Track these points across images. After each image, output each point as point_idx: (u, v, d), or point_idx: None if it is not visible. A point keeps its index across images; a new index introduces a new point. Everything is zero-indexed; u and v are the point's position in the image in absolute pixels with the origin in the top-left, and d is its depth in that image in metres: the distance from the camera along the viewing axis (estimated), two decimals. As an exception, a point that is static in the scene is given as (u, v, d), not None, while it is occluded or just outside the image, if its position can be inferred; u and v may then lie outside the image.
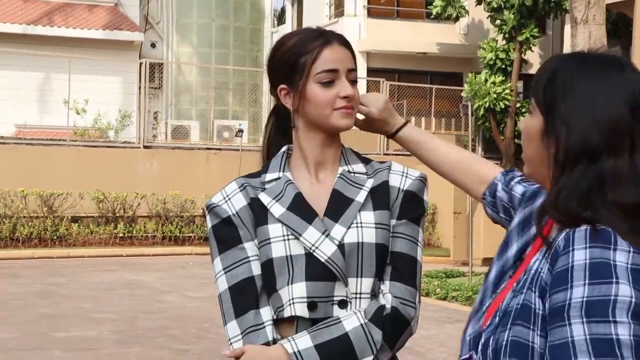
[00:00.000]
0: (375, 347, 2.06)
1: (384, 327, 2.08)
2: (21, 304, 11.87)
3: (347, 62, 2.20)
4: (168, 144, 23.26)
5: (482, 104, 24.30)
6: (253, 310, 2.12)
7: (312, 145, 2.22)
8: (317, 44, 2.17)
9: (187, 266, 17.29)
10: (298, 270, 2.10)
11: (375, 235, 2.13)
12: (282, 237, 2.12)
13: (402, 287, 2.13)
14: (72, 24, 25.68)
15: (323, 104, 2.17)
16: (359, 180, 2.19)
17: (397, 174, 2.23)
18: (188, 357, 8.73)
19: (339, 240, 2.10)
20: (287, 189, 2.17)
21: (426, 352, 9.19)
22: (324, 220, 2.13)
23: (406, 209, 2.19)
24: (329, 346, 2.04)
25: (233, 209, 2.17)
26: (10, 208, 19.06)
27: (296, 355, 2.03)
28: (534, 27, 24.60)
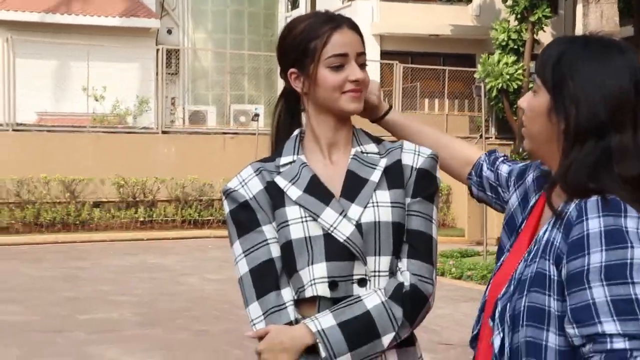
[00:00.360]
0: (396, 323, 2.07)
1: (404, 304, 2.08)
2: (45, 288, 11.95)
3: (357, 46, 2.19)
4: (186, 129, 23.28)
5: (495, 84, 24.20)
6: (274, 291, 2.13)
7: (324, 128, 2.22)
8: (327, 28, 2.17)
9: (206, 249, 17.35)
10: (317, 251, 2.10)
11: (392, 214, 2.13)
12: (300, 218, 2.12)
13: (420, 264, 2.13)
14: (90, 12, 25.67)
15: (332, 87, 2.16)
16: (373, 160, 2.19)
17: (409, 152, 2.22)
18: (208, 337, 8.77)
19: (356, 220, 2.10)
20: (302, 171, 2.16)
21: (441, 330, 9.20)
22: (340, 201, 2.13)
23: (420, 187, 2.18)
24: (351, 324, 2.04)
25: (250, 193, 2.17)
26: (33, 194, 19.16)
27: (320, 334, 2.03)
28: (545, 7, 24.43)
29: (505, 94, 24.67)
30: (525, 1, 24.18)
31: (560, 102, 1.89)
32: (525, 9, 24.36)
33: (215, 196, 20.87)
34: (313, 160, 2.21)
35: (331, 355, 2.03)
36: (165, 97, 23.23)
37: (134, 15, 26.02)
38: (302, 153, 2.22)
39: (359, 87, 2.18)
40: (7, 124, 20.40)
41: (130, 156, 20.56)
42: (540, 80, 1.97)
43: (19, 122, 20.73)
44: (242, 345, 8.28)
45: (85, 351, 8.12)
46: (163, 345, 8.40)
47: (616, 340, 1.72)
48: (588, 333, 1.74)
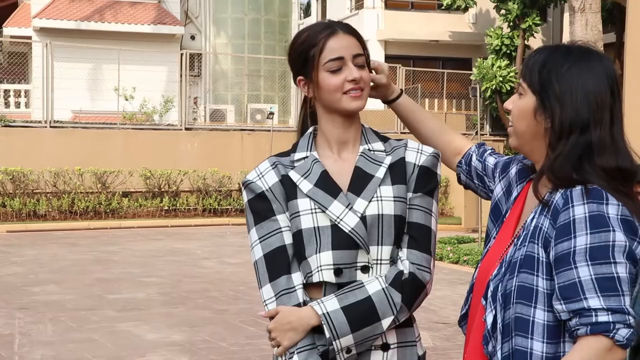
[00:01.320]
0: (395, 308, 2.09)
1: (403, 290, 2.09)
2: (79, 270, 11.97)
3: (353, 49, 2.17)
4: (207, 126, 23.27)
5: (490, 86, 24.13)
6: (285, 275, 2.14)
7: (332, 127, 2.22)
8: (323, 35, 2.17)
9: (224, 235, 17.35)
10: (325, 240, 2.11)
11: (394, 207, 2.14)
12: (310, 210, 2.13)
13: (418, 254, 2.14)
14: (121, 20, 25.70)
15: (333, 89, 2.16)
16: (378, 157, 2.19)
17: (412, 150, 2.22)
18: (226, 316, 8.76)
19: (361, 213, 2.11)
20: (314, 167, 2.17)
21: (440, 310, 9.18)
22: (347, 195, 2.14)
23: (421, 183, 2.18)
24: (354, 308, 2.06)
25: (266, 184, 2.18)
26: (68, 185, 19.20)
27: (325, 317, 2.05)
28: (536, 16, 24.37)
29: (499, 94, 24.60)
30: (517, 10, 24.10)
31: (546, 102, 1.97)
32: (517, 17, 24.29)
33: (234, 187, 20.88)
34: (324, 156, 2.22)
35: (334, 335, 2.05)
36: (188, 96, 23.23)
37: (161, 22, 26.03)
38: (315, 150, 2.23)
39: (358, 85, 2.17)
40: (45, 121, 20.44)
41: (156, 150, 20.59)
42: (526, 84, 2.06)
43: (56, 119, 20.77)
44: (256, 323, 8.27)
45: (115, 327, 8.12)
46: (185, 322, 8.39)
47: (600, 314, 1.78)
48: (575, 308, 1.80)
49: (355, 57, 2.17)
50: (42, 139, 20.00)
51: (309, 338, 2.10)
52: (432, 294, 10.67)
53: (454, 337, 7.85)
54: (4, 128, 19.83)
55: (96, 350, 7.21)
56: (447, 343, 7.58)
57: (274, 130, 21.46)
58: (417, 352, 2.19)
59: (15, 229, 17.51)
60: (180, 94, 22.68)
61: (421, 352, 2.22)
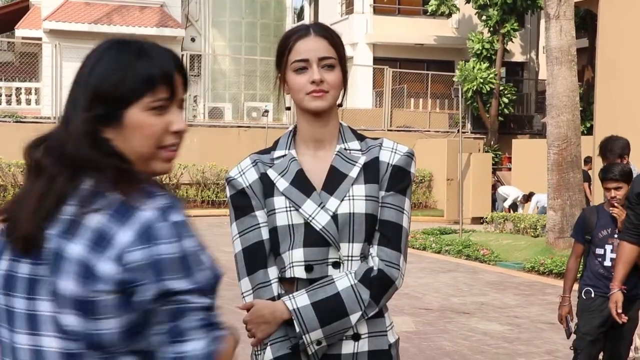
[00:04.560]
0: (363, 304, 2.06)
1: (371, 286, 2.06)
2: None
3: (320, 51, 2.10)
4: (206, 123, 23.24)
5: (471, 87, 24.14)
6: (262, 269, 2.12)
7: (307, 125, 2.17)
8: (294, 37, 2.13)
9: (222, 225, 17.31)
10: (298, 238, 2.08)
11: (365, 206, 2.09)
12: (285, 208, 2.10)
13: (388, 251, 2.09)
14: (127, 23, 25.62)
15: (297, 88, 2.12)
16: (353, 157, 2.14)
17: (387, 150, 2.16)
18: (223, 301, 8.69)
19: (333, 212, 2.07)
20: (291, 165, 2.14)
21: (422, 297, 9.19)
22: (321, 194, 2.10)
23: (394, 182, 2.13)
24: (323, 304, 2.03)
25: (247, 181, 2.15)
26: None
27: (295, 312, 2.04)
28: (514, 22, 24.38)
29: (479, 95, 24.61)
30: (497, 16, 24.12)
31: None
32: (497, 23, 24.31)
33: (231, 180, 20.88)
34: (301, 154, 2.17)
35: (304, 330, 2.03)
36: (188, 95, 23.11)
37: (164, 25, 25.94)
38: (294, 148, 2.18)
39: (319, 87, 2.09)
40: (54, 117, 20.40)
41: (158, 145, 20.56)
42: None
43: (64, 115, 20.72)
44: (252, 308, 8.26)
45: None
46: (184, 307, 8.37)
47: None
48: None
49: (321, 59, 2.10)
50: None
51: (282, 330, 2.08)
52: (416, 281, 10.71)
53: (436, 322, 7.86)
54: (15, 124, 19.77)
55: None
56: (430, 328, 7.59)
57: (268, 127, 21.44)
58: (388, 341, 2.15)
59: (25, 218, 17.45)
60: (181, 93, 22.61)
61: (392, 339, 2.17)
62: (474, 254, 12.54)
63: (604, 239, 4.76)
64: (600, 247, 4.76)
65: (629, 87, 12.32)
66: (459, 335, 7.36)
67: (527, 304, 8.99)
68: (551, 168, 12.12)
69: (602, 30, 13.20)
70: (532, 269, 11.23)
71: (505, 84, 25.69)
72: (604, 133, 12.29)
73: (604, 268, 4.73)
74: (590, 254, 4.83)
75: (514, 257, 12.18)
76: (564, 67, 12.01)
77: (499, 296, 9.49)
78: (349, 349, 2.09)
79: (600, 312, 4.68)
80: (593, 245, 4.80)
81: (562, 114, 12.01)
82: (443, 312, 8.40)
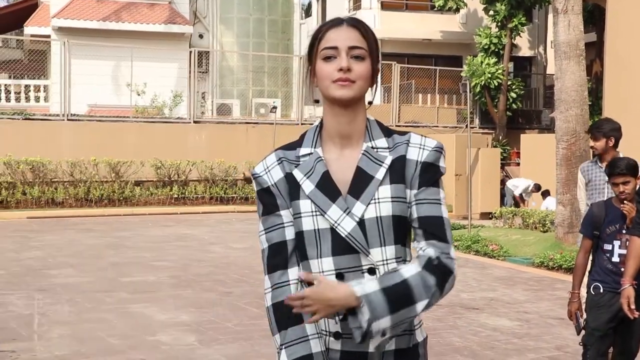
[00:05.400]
0: (429, 291, 2.01)
1: (435, 274, 2.02)
2: (94, 254, 11.96)
3: (350, 41, 2.07)
4: (214, 119, 23.24)
5: (479, 82, 24.08)
6: (280, 270, 2.10)
7: (332, 119, 2.13)
8: (326, 27, 2.11)
9: (230, 222, 17.34)
10: (325, 245, 2.06)
11: (392, 208, 2.06)
12: (311, 212, 2.07)
13: (438, 244, 2.06)
14: (134, 20, 25.62)
15: (324, 76, 2.08)
16: (380, 157, 2.09)
17: (414, 146, 2.11)
18: (232, 298, 8.75)
19: (359, 217, 2.04)
20: (317, 166, 2.09)
21: (431, 292, 9.15)
22: (347, 198, 2.06)
23: (424, 178, 2.09)
24: (392, 290, 1.97)
25: (272, 180, 2.12)
26: (84, 174, 19.21)
27: (366, 298, 1.95)
28: (522, 16, 24.30)
29: (487, 90, 24.55)
30: (504, 11, 24.03)
31: None
32: (505, 17, 24.23)
33: (239, 177, 20.87)
34: (328, 152, 2.13)
35: (374, 317, 1.94)
36: (196, 91, 23.17)
37: (172, 22, 25.95)
38: (320, 145, 2.14)
39: (345, 75, 2.05)
40: (63, 115, 20.43)
41: (166, 142, 20.58)
42: None
43: (73, 113, 20.75)
44: (260, 305, 8.25)
45: (127, 309, 8.11)
46: (193, 303, 8.38)
47: None
48: None
49: (351, 48, 2.07)
50: (59, 131, 19.98)
51: (298, 332, 2.05)
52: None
53: (445, 318, 7.84)
54: (24, 121, 19.80)
55: (110, 329, 7.20)
56: (439, 323, 7.57)
57: (276, 123, 21.42)
58: (416, 339, 2.13)
59: (34, 215, 17.49)
60: (189, 89, 22.63)
61: (421, 338, 2.16)
62: (483, 249, 12.50)
63: (612, 234, 4.72)
64: (609, 243, 4.73)
65: (637, 81, 12.25)
66: (468, 331, 7.34)
67: (536, 300, 8.96)
68: (560, 163, 12.07)
69: (610, 24, 13.13)
70: (542, 264, 11.20)
71: (513, 79, 25.61)
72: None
73: (612, 264, 4.70)
74: (598, 250, 4.79)
75: (523, 253, 12.14)
76: (572, 62, 11.95)
77: (508, 292, 9.46)
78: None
79: (609, 308, 4.65)
80: (601, 241, 4.76)
81: (570, 109, 11.96)
82: (452, 308, 8.38)
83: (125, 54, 22.75)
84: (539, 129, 26.28)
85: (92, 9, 25.64)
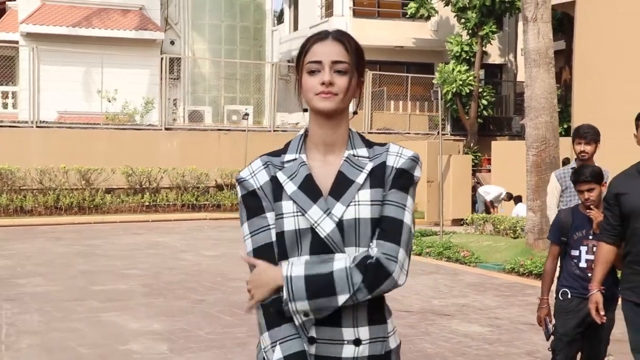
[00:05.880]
0: (353, 287, 2.07)
1: (366, 272, 2.07)
2: (64, 262, 11.86)
3: (333, 55, 2.15)
4: (185, 126, 23.16)
5: (450, 89, 24.24)
6: None
7: (316, 128, 2.22)
8: (312, 40, 2.20)
9: (202, 229, 17.28)
10: (305, 245, 2.13)
11: (371, 211, 2.14)
12: (293, 213, 2.14)
13: (386, 244, 2.11)
14: (106, 26, 25.47)
15: (308, 89, 2.17)
16: (361, 163, 2.18)
17: (392, 154, 2.20)
18: (204, 306, 8.73)
19: (338, 218, 2.12)
20: (300, 169, 2.18)
21: (403, 299, 9.21)
22: (327, 199, 2.14)
23: (396, 182, 2.17)
24: (314, 278, 2.07)
25: (258, 183, 2.19)
26: (54, 181, 19.04)
27: (287, 279, 2.08)
28: (492, 24, 24.51)
29: (459, 97, 24.72)
30: (475, 19, 24.23)
31: None
32: (476, 25, 24.42)
33: (211, 184, 20.82)
34: (311, 159, 2.22)
35: (291, 298, 2.07)
36: (168, 98, 23.09)
37: (143, 28, 25.83)
38: (304, 152, 2.23)
39: (328, 89, 2.14)
40: (31, 122, 20.23)
41: (137, 149, 20.47)
42: None
43: (42, 120, 20.57)
44: (232, 312, 8.25)
45: (98, 317, 8.06)
46: (165, 312, 8.35)
47: None
48: None
49: (334, 63, 2.15)
50: (28, 138, 19.80)
51: (292, 328, 2.12)
52: (396, 284, 10.63)
53: (417, 325, 7.89)
54: (-8, 128, 19.60)
55: (80, 339, 7.15)
56: (411, 330, 7.61)
57: (249, 130, 21.41)
58: (389, 346, 2.20)
59: (3, 223, 17.31)
60: (160, 96, 22.55)
61: (394, 345, 2.22)
62: (454, 256, 12.59)
63: (579, 240, 4.80)
64: (576, 249, 4.80)
65: (605, 88, 12.43)
66: (440, 337, 7.39)
67: (507, 305, 9.04)
68: (530, 169, 12.20)
69: (578, 32, 13.31)
70: (512, 270, 11.30)
71: (484, 86, 25.82)
72: (582, 135, 12.39)
73: (580, 269, 4.77)
74: (566, 256, 4.87)
75: (494, 259, 12.25)
76: (541, 69, 12.09)
77: (480, 298, 9.53)
78: (349, 353, 2.13)
79: (577, 313, 4.72)
80: (569, 247, 4.84)
81: (540, 116, 12.09)
82: (424, 315, 8.43)
83: (95, 60, 22.62)
84: (509, 136, 26.52)
85: (62, 15, 25.46)
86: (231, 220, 18.94)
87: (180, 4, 28.37)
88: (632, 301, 4.29)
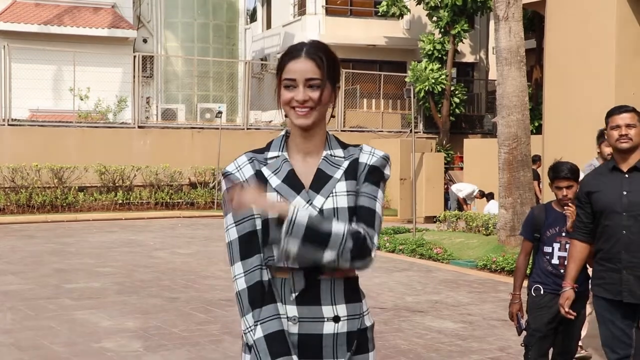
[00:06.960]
0: (342, 249, 2.24)
1: (356, 242, 2.25)
2: (37, 261, 11.75)
3: (307, 73, 2.31)
4: (159, 124, 23.01)
5: (423, 87, 24.33)
6: (257, 254, 2.32)
7: (296, 136, 2.40)
8: (287, 58, 2.35)
9: (176, 227, 17.20)
10: None
11: (347, 200, 2.33)
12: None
13: (367, 228, 2.30)
14: (78, 24, 25.24)
15: (285, 102, 2.36)
16: (338, 162, 2.39)
17: (365, 153, 2.41)
18: (178, 304, 8.69)
19: (319, 208, 2.31)
20: (283, 165, 2.37)
21: (377, 296, 9.23)
22: (308, 192, 2.34)
23: (369, 177, 2.37)
24: (314, 231, 2.21)
25: (244, 176, 2.36)
26: (26, 180, 18.85)
27: (293, 214, 2.21)
28: (464, 23, 24.62)
29: (431, 95, 24.82)
30: (447, 17, 24.34)
31: None
32: (448, 24, 24.53)
33: (184, 182, 20.72)
34: (292, 157, 2.40)
35: (288, 232, 2.21)
36: (141, 96, 22.94)
37: (115, 26, 25.62)
38: (286, 151, 2.41)
39: (303, 105, 2.32)
40: (3, 120, 20.01)
41: (110, 147, 20.33)
42: None
43: (14, 118, 20.35)
44: (206, 310, 8.23)
45: (71, 315, 7.99)
46: (139, 310, 8.30)
47: None
48: None
49: (308, 80, 2.32)
50: (0, 136, 19.57)
51: (272, 309, 2.28)
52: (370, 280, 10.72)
53: (391, 321, 7.91)
54: (-37, 126, 19.35)
55: (54, 337, 7.08)
56: (385, 326, 7.63)
57: (222, 128, 21.34)
58: (365, 324, 2.38)
59: (-26, 222, 17.10)
60: (133, 94, 22.39)
61: (369, 323, 2.41)
62: (427, 253, 12.64)
63: (552, 237, 4.82)
64: (549, 245, 4.83)
65: (575, 87, 12.54)
66: (413, 333, 7.42)
67: (479, 302, 9.10)
68: (502, 167, 12.28)
69: (549, 31, 13.41)
70: (485, 267, 11.37)
71: (456, 84, 25.95)
72: (553, 132, 12.52)
73: (552, 266, 4.80)
74: (539, 252, 4.89)
75: (467, 256, 12.32)
76: (513, 68, 12.17)
77: (453, 294, 9.58)
78: (329, 330, 2.31)
79: (550, 309, 4.76)
80: (541, 243, 4.86)
81: (512, 114, 12.18)
82: (397, 311, 8.46)
83: (67, 58, 22.40)
84: (481, 134, 26.68)
85: (33, 13, 25.19)
86: (205, 219, 18.87)
87: (152, 2, 28.18)
88: (603, 297, 4.33)
